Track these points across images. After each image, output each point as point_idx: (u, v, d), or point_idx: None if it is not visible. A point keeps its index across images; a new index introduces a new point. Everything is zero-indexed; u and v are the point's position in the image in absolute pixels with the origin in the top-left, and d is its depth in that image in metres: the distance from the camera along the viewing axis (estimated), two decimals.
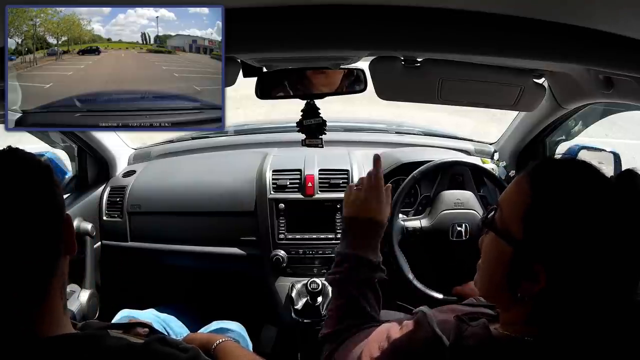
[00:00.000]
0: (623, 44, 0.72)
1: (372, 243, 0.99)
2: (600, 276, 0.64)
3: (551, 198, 0.66)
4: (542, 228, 0.66)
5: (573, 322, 0.66)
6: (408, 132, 2.19)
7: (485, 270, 0.75)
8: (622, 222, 0.63)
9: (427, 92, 1.23)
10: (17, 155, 0.68)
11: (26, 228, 0.65)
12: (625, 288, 0.65)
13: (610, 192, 0.65)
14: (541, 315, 0.67)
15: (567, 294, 0.65)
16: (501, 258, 0.70)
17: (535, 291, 0.66)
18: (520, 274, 0.67)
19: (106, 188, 1.87)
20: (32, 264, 0.65)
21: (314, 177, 1.71)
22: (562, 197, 0.66)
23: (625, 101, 1.14)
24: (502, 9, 0.68)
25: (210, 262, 1.80)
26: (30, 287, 0.65)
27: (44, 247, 0.66)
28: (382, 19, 0.69)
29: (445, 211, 1.56)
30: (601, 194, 0.65)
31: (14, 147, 0.69)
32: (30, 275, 0.65)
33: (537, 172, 0.71)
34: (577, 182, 0.67)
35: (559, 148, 1.78)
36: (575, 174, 0.68)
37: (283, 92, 1.26)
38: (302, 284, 1.63)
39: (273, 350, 1.82)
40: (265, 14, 0.68)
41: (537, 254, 0.66)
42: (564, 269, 0.65)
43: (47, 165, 0.70)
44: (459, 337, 0.68)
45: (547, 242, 0.65)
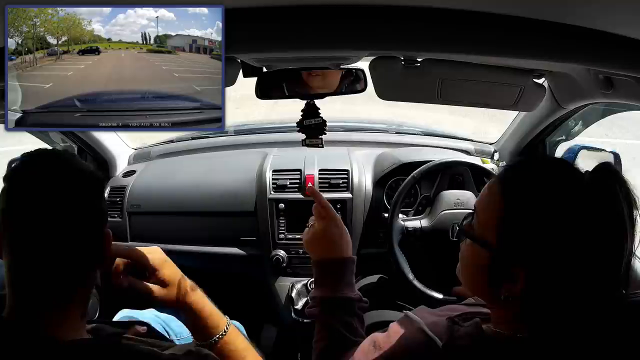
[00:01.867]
0: (623, 44, 0.72)
1: (346, 280, 0.95)
2: (579, 272, 0.64)
3: (522, 202, 0.66)
4: (517, 233, 0.66)
5: (560, 319, 0.67)
6: (408, 132, 2.19)
7: (467, 276, 0.75)
8: (596, 218, 0.63)
9: (427, 92, 1.23)
10: (72, 162, 0.71)
11: (69, 234, 0.66)
12: (607, 282, 0.65)
13: (582, 189, 0.65)
14: (528, 313, 0.68)
15: (549, 292, 0.66)
16: (480, 263, 0.70)
17: (518, 292, 0.66)
18: (500, 277, 0.67)
19: (106, 188, 1.87)
20: (66, 270, 0.67)
21: (314, 177, 1.71)
22: (533, 200, 0.66)
23: (625, 101, 1.14)
24: (502, 8, 0.68)
25: (210, 262, 1.80)
26: (59, 292, 0.67)
27: (81, 256, 0.68)
28: (382, 19, 0.69)
29: (445, 211, 1.56)
30: (573, 192, 0.65)
31: (70, 153, 0.71)
32: (62, 281, 0.67)
33: (507, 176, 0.71)
34: (547, 183, 0.67)
35: (559, 148, 1.78)
36: (545, 175, 0.68)
37: (283, 92, 1.26)
38: (302, 284, 1.63)
39: (273, 350, 1.82)
40: (265, 14, 0.68)
41: (513, 258, 0.66)
42: (542, 269, 0.65)
43: (99, 177, 0.73)
44: (452, 338, 0.69)
45: (522, 246, 0.66)
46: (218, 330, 0.90)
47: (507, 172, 0.72)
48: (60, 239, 0.66)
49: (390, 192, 1.73)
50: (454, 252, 1.54)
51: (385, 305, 1.59)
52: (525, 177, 0.69)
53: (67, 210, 0.66)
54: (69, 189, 0.68)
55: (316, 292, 0.96)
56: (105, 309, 1.67)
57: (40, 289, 0.66)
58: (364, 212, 1.71)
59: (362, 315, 0.95)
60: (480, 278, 0.71)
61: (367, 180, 1.74)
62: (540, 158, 0.75)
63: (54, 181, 0.67)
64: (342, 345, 0.88)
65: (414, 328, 0.74)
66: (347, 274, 0.95)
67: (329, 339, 0.91)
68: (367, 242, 1.68)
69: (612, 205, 0.63)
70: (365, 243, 1.69)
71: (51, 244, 0.66)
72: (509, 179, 0.70)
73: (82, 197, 0.68)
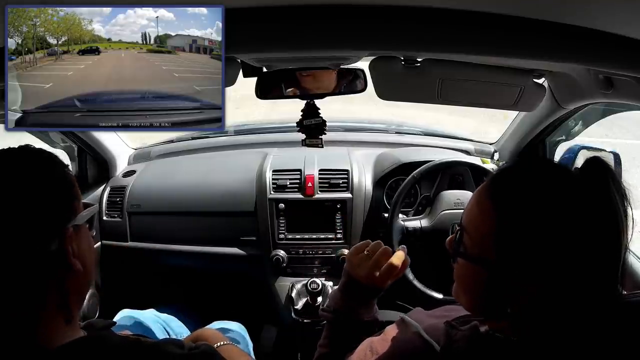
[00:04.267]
0: (623, 44, 0.72)
1: (369, 304, 0.94)
2: (580, 273, 0.62)
3: (515, 212, 0.63)
4: (515, 246, 0.63)
5: (560, 320, 0.65)
6: (408, 132, 2.19)
7: (466, 296, 0.71)
8: (591, 215, 0.61)
9: (427, 92, 1.23)
10: (24, 161, 0.66)
11: (7, 240, 0.62)
12: (606, 280, 0.63)
13: (574, 187, 0.63)
14: (529, 318, 0.66)
15: (554, 297, 0.64)
16: (478, 280, 0.67)
17: (526, 303, 0.64)
18: (503, 293, 0.64)
19: (106, 188, 1.87)
20: (14, 277, 0.63)
21: (314, 177, 1.71)
22: (526, 208, 0.63)
23: (625, 101, 1.14)
24: (502, 8, 0.68)
25: (211, 262, 1.80)
26: (20, 300, 0.64)
27: (34, 261, 0.64)
28: (382, 19, 0.69)
29: (445, 211, 1.56)
30: (565, 192, 0.62)
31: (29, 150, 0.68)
32: (16, 289, 0.64)
33: (496, 187, 0.67)
34: (538, 187, 0.64)
35: (559, 148, 1.78)
36: (535, 179, 0.65)
37: (283, 92, 1.26)
38: (302, 284, 1.63)
39: (273, 350, 1.82)
40: (265, 14, 0.68)
41: (516, 271, 0.63)
42: (550, 278, 0.63)
43: (59, 175, 0.67)
44: (450, 342, 0.67)
45: (524, 258, 0.62)
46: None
47: (495, 182, 0.68)
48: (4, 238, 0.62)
49: (390, 192, 1.73)
50: None
51: (385, 305, 1.59)
52: (515, 185, 0.66)
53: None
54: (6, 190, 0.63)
55: (336, 302, 0.94)
56: (105, 309, 1.68)
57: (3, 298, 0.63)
58: (364, 212, 1.71)
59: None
60: (481, 296, 0.68)
61: (367, 180, 1.74)
62: (525, 162, 0.72)
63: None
64: (342, 356, 0.87)
65: (411, 332, 0.73)
66: (372, 300, 0.95)
67: (331, 348, 0.91)
68: None
69: (606, 200, 0.61)
70: None
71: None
72: (498, 188, 0.67)
73: (22, 203, 0.63)
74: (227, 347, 1.01)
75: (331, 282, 1.67)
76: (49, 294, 0.65)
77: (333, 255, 1.69)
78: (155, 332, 1.37)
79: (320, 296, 1.60)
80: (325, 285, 1.61)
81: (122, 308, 1.46)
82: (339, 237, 1.69)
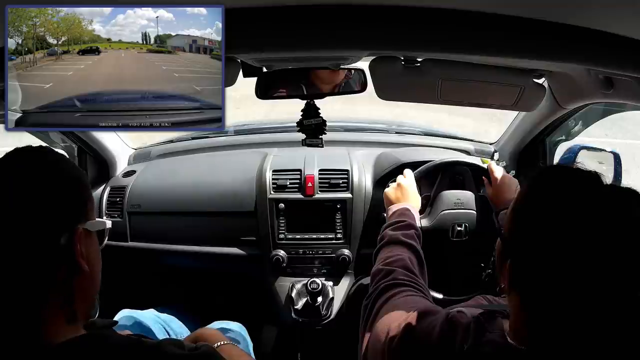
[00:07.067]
0: (623, 44, 0.72)
1: (411, 216, 1.27)
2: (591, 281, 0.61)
3: (541, 200, 0.67)
4: (525, 225, 0.68)
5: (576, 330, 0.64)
6: (408, 132, 2.18)
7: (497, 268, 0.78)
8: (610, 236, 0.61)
9: (427, 92, 1.23)
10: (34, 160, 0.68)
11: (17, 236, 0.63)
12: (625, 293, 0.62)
13: (600, 208, 0.63)
14: (542, 325, 0.66)
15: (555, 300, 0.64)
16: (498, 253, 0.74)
17: (506, 284, 0.69)
18: (500, 267, 0.71)
19: (106, 188, 1.87)
20: (20, 273, 0.64)
21: (314, 177, 1.71)
22: (552, 202, 0.66)
23: (625, 101, 1.14)
24: (502, 9, 0.68)
25: (211, 262, 1.80)
26: (23, 297, 0.65)
27: (41, 257, 0.64)
28: (382, 19, 0.69)
29: (445, 211, 1.55)
30: (591, 210, 0.63)
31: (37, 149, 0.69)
32: (20, 285, 0.64)
33: (538, 176, 0.72)
34: (569, 192, 0.66)
35: (559, 148, 1.78)
36: (571, 184, 0.67)
37: (283, 92, 1.26)
38: (302, 284, 1.63)
39: (273, 350, 1.82)
40: (265, 14, 0.68)
41: (513, 248, 0.69)
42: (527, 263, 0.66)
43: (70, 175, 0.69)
44: (478, 343, 0.68)
45: (519, 238, 0.68)
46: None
47: (542, 172, 0.73)
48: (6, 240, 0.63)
49: None
50: (454, 252, 1.55)
51: None
52: (554, 180, 0.70)
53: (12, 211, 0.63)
54: (16, 189, 0.64)
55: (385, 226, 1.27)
56: (105, 309, 1.67)
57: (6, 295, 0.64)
58: (364, 212, 1.71)
59: (423, 263, 1.19)
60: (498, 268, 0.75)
61: (367, 180, 1.74)
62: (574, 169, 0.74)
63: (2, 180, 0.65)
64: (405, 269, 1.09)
65: (442, 316, 0.76)
66: (413, 218, 1.28)
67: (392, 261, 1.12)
68: (367, 242, 1.68)
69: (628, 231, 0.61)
70: (365, 243, 1.69)
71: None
72: (539, 178, 0.71)
73: (36, 197, 0.65)
74: (227, 347, 1.01)
75: (331, 282, 1.67)
76: (54, 290, 0.66)
77: (333, 255, 1.69)
78: (155, 332, 1.37)
79: (320, 296, 1.59)
80: (325, 285, 1.61)
81: (122, 308, 1.46)
82: (339, 237, 1.69)
